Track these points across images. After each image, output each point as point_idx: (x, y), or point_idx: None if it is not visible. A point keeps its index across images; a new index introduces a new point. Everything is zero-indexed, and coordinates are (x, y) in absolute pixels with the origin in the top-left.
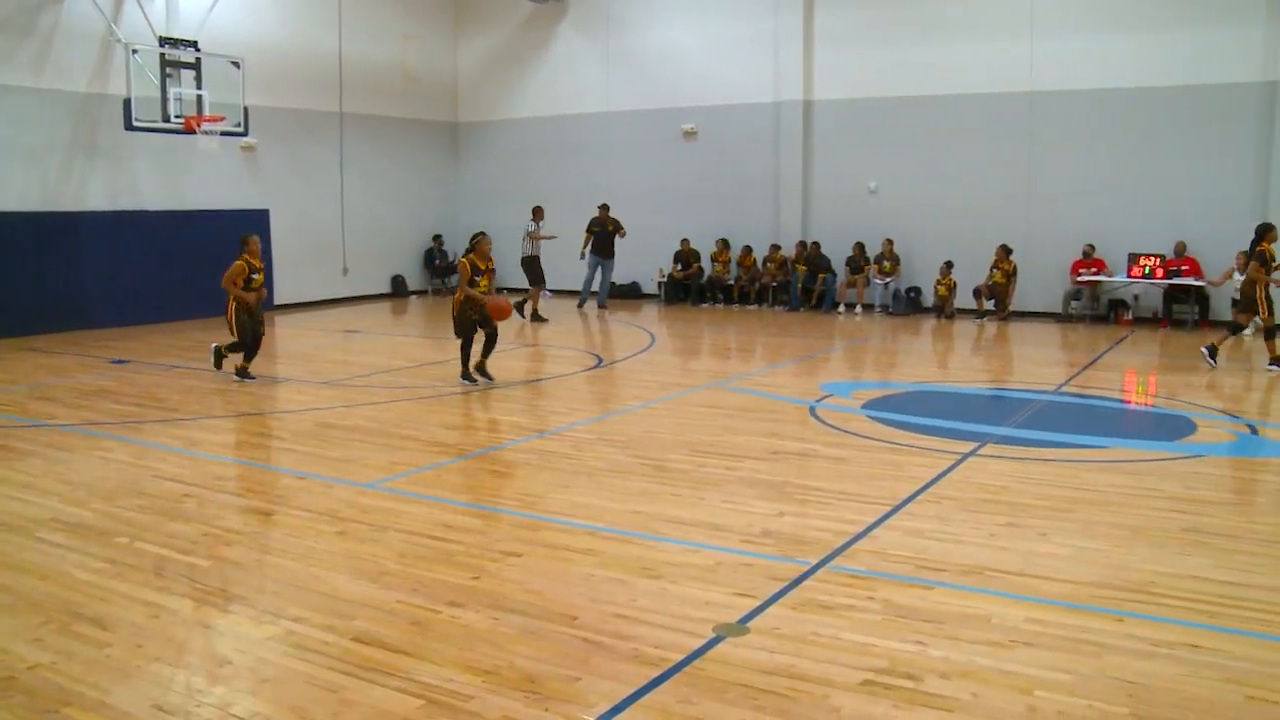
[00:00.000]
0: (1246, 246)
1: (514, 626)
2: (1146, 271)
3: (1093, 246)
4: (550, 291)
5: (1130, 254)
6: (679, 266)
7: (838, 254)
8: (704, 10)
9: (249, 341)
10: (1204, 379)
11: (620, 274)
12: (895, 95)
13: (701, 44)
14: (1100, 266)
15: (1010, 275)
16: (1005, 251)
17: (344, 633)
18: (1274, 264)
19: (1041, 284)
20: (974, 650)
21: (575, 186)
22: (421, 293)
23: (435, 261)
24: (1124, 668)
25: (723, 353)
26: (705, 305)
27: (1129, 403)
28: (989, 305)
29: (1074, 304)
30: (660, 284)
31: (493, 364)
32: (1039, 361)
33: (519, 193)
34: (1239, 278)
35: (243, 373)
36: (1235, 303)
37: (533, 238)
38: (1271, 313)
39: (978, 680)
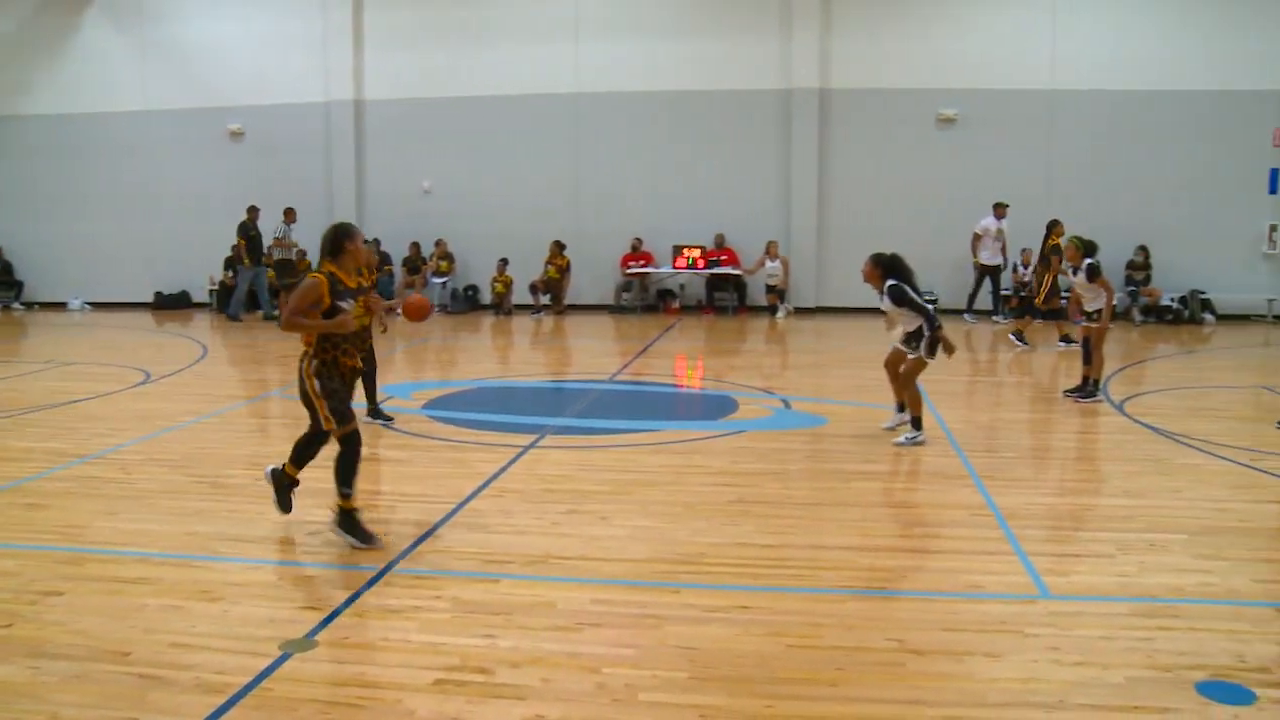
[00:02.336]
0: (775, 237)
1: (57, 674)
2: (690, 262)
3: (640, 240)
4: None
5: (675, 246)
6: (231, 273)
7: (395, 254)
8: (248, 3)
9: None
10: (743, 360)
11: (168, 282)
12: (447, 96)
13: (246, 39)
14: (648, 259)
15: (564, 270)
16: (559, 247)
17: None
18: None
19: (594, 277)
20: (542, 637)
21: (113, 190)
22: None
23: None
24: (682, 635)
25: (280, 360)
26: (261, 312)
27: (679, 386)
28: (545, 300)
29: (625, 296)
30: (212, 292)
31: (12, 387)
32: (594, 352)
33: (46, 197)
34: (771, 265)
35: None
36: (770, 289)
37: (281, 243)
38: (1047, 299)
39: (548, 665)
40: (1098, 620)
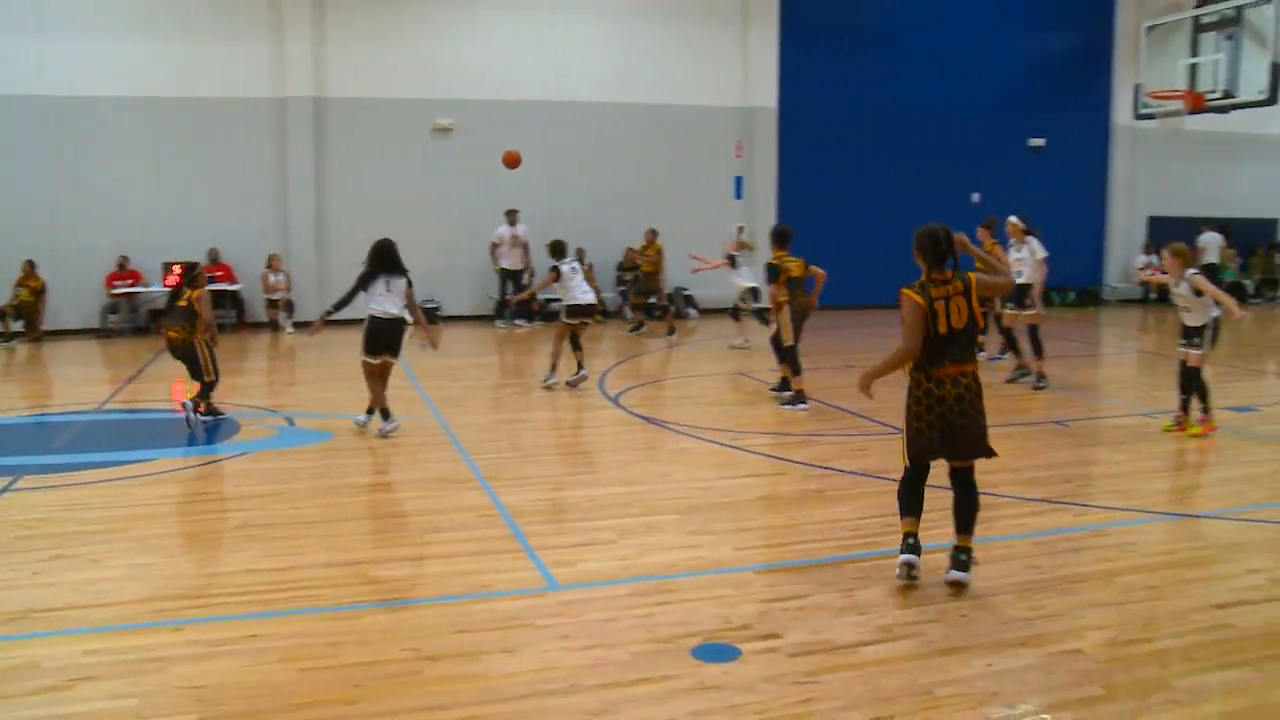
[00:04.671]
0: (275, 249)
1: None
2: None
3: (127, 258)
4: None
5: (165, 263)
6: None
7: None
8: None
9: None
10: (245, 379)
11: None
12: None
13: None
14: (136, 278)
15: (38, 292)
16: (30, 267)
17: None
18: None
19: (75, 299)
20: (25, 703)
21: None
22: None
23: None
24: (188, 675)
25: None
26: None
27: (177, 411)
28: (17, 326)
29: (112, 318)
30: None
31: None
32: (79, 380)
33: None
34: (274, 278)
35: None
36: (271, 303)
37: None
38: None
39: None
40: (603, 604)
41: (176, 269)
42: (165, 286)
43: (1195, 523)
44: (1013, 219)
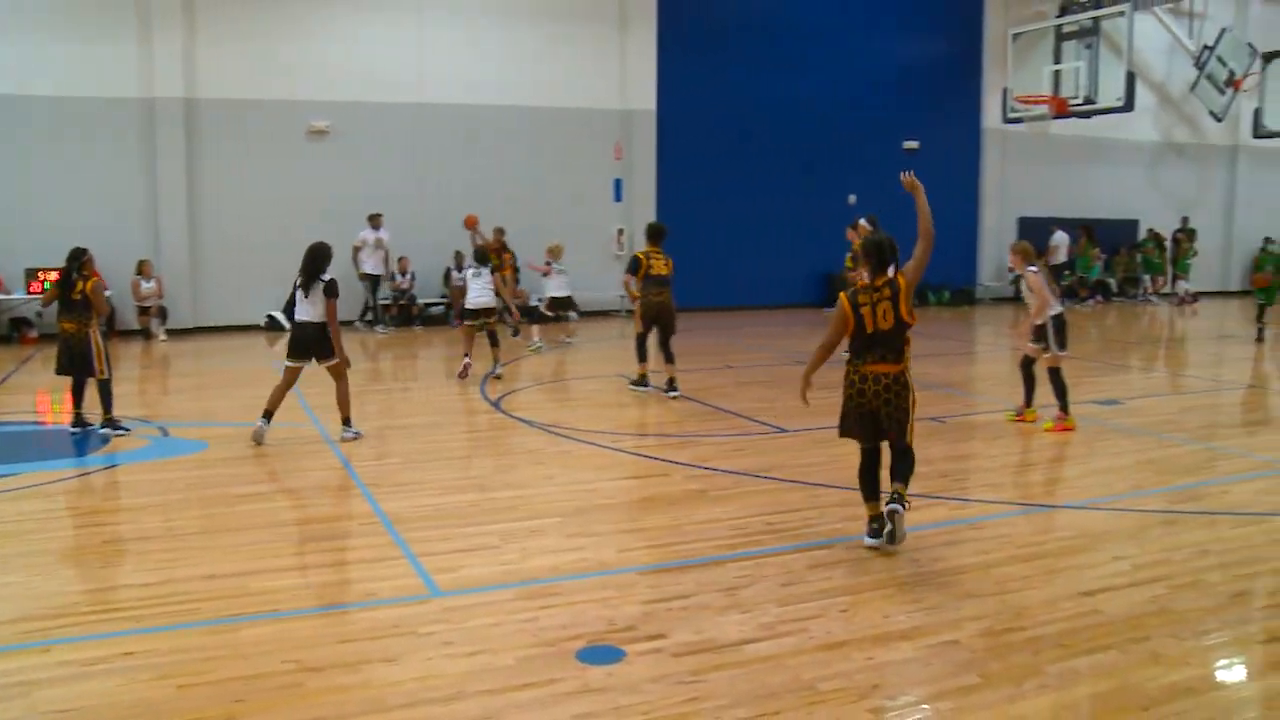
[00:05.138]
0: (145, 255)
1: None
2: (47, 286)
3: None
4: None
5: (28, 269)
6: None
7: None
8: None
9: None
10: (116, 389)
11: None
12: None
13: None
14: None
15: None
16: None
17: None
18: (644, 269)
19: None
20: None
21: None
22: None
23: None
24: (56, 698)
25: None
26: None
27: (42, 423)
28: None
29: None
30: None
31: None
32: None
33: None
34: (146, 285)
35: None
36: (143, 310)
37: None
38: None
39: None
40: (487, 609)
41: (42, 276)
42: (30, 294)
43: (1065, 513)
44: (863, 221)
